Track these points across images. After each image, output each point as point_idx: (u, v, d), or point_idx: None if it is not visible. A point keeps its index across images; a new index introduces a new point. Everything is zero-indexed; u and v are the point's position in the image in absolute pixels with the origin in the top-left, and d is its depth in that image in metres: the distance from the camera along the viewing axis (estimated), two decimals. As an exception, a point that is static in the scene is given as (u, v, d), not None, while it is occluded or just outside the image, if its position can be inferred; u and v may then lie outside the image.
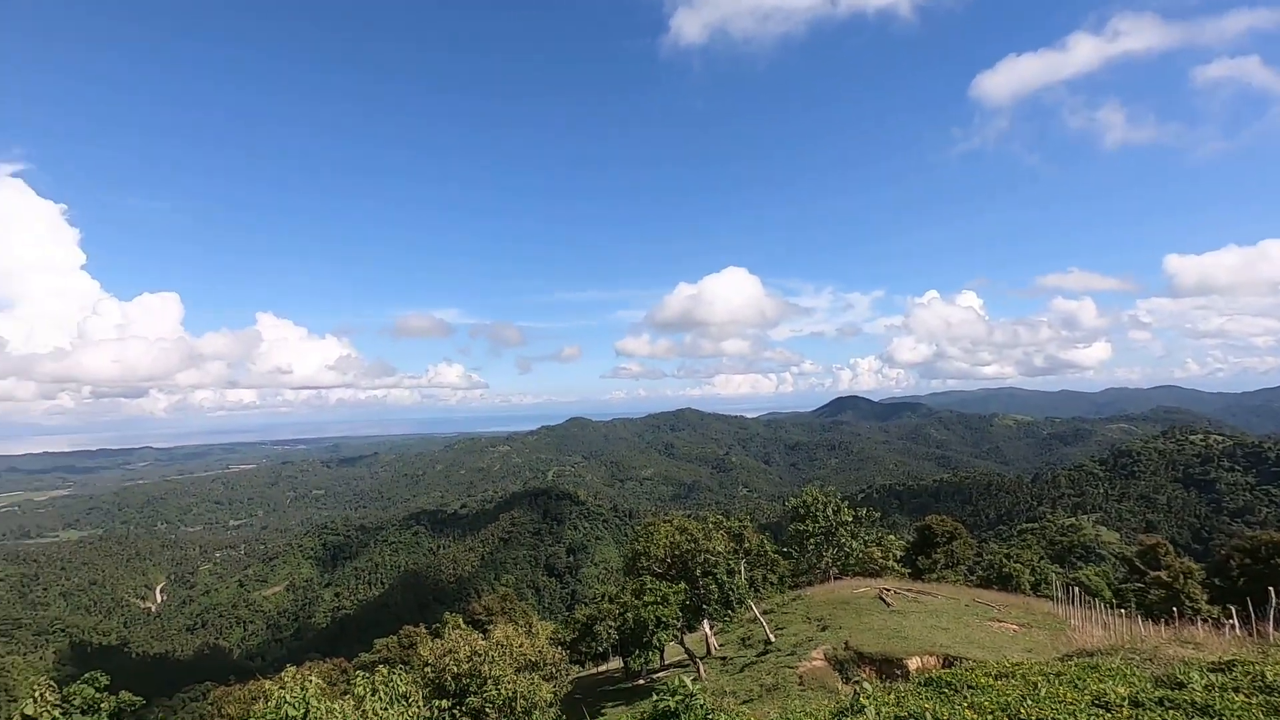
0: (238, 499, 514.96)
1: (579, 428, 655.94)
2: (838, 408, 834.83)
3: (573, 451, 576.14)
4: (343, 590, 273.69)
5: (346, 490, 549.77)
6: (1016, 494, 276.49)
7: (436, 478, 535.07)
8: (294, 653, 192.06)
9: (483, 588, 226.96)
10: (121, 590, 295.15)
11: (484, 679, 17.73)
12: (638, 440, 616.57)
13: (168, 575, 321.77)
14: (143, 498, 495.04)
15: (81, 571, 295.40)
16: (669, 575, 47.20)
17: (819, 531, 66.52)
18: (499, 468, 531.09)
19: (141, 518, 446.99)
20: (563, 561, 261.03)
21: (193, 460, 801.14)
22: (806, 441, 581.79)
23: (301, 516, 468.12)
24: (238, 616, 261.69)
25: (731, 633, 51.49)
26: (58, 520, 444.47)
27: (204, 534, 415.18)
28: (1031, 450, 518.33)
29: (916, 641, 35.92)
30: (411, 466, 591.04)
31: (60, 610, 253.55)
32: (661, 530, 48.99)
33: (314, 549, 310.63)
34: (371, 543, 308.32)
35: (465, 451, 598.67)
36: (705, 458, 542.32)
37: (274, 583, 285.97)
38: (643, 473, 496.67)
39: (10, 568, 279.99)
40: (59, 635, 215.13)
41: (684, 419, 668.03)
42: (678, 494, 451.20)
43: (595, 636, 60.75)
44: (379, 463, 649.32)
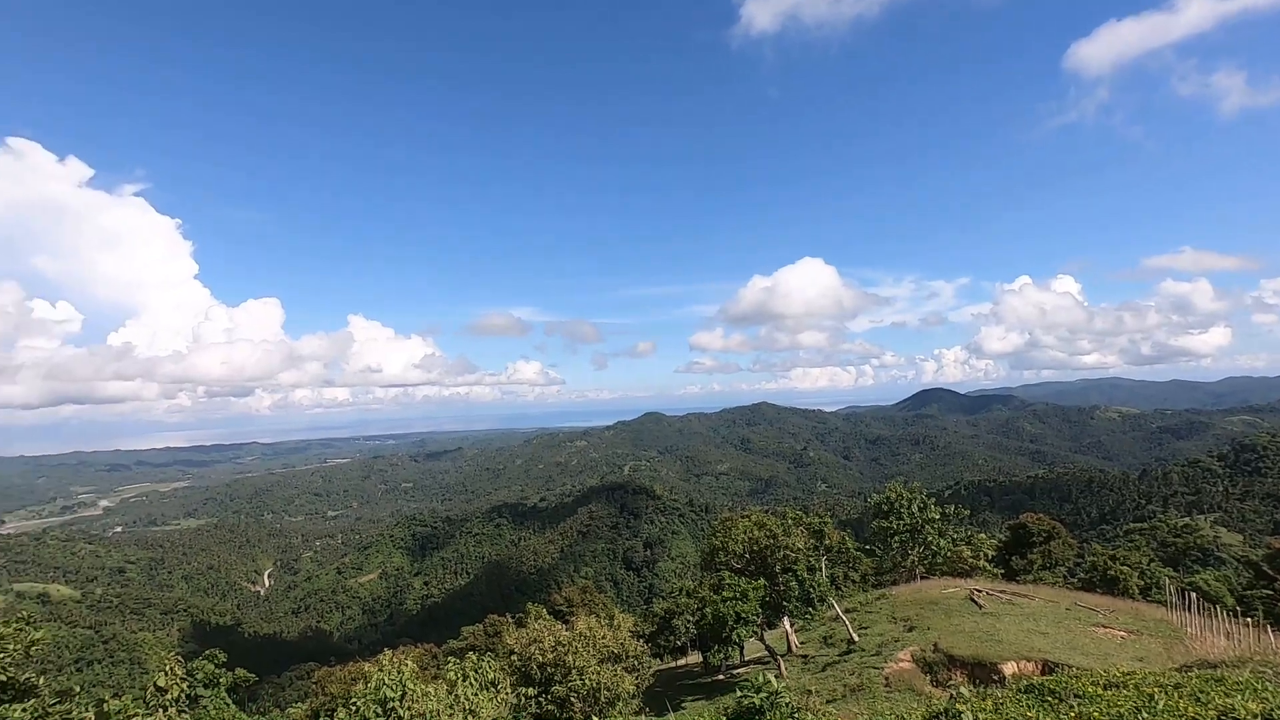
0: (334, 491, 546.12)
1: (654, 423, 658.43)
2: (922, 400, 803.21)
3: (648, 446, 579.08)
4: (431, 579, 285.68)
5: (433, 483, 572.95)
6: (1122, 491, 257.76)
7: (517, 472, 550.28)
8: (387, 637, 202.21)
9: (563, 579, 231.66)
10: (234, 575, 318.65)
11: (568, 669, 18.16)
12: (713, 435, 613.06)
13: (274, 561, 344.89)
14: (251, 489, 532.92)
15: (200, 557, 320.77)
16: (748, 571, 46.75)
17: (904, 529, 64.12)
18: (576, 462, 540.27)
19: (250, 508, 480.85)
20: (640, 555, 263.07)
21: (294, 455, 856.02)
22: (888, 436, 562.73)
23: (392, 508, 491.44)
24: (336, 601, 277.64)
25: (813, 631, 50.53)
26: (179, 509, 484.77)
27: (305, 523, 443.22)
28: (1138, 444, 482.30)
29: (1012, 645, 34.13)
30: (493, 461, 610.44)
31: (183, 592, 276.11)
32: (739, 526, 48.56)
33: (404, 539, 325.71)
34: (457, 534, 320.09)
35: (544, 446, 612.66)
36: (782, 453, 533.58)
37: (368, 570, 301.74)
38: (718, 468, 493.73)
39: (140, 552, 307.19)
40: (182, 615, 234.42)
41: (760, 413, 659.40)
42: (754, 489, 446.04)
43: (673, 630, 60.97)
44: (462, 457, 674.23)
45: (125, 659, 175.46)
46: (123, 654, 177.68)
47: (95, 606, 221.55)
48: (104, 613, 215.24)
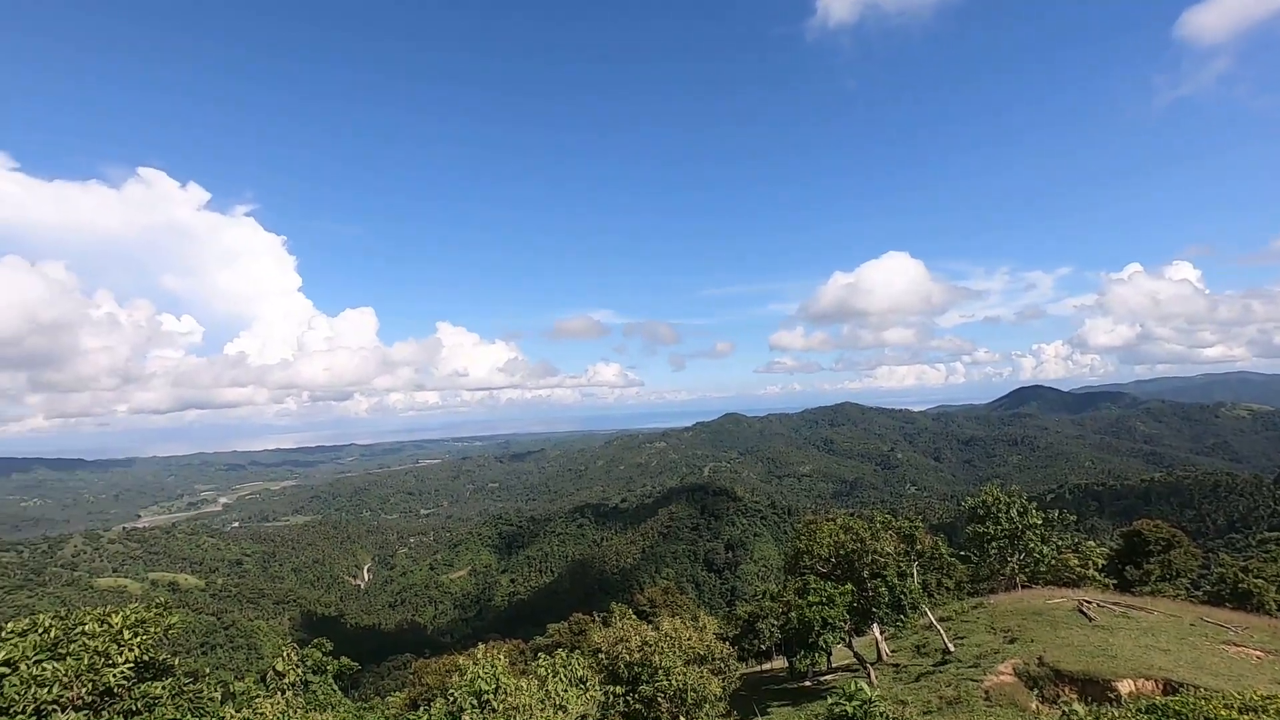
0: (426, 490, 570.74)
1: (734, 424, 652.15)
2: (1019, 399, 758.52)
3: (728, 447, 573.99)
4: (517, 576, 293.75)
5: (518, 484, 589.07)
6: (1254, 496, 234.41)
7: (598, 473, 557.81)
8: (477, 632, 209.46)
9: (644, 580, 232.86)
10: (337, 568, 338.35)
11: (655, 669, 18.30)
12: (794, 436, 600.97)
13: (373, 556, 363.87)
14: (351, 488, 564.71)
15: (307, 551, 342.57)
16: (834, 576, 45.59)
17: (1002, 535, 60.67)
18: (656, 463, 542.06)
19: (350, 505, 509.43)
20: (721, 557, 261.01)
21: (389, 455, 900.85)
22: (983, 436, 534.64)
23: (480, 507, 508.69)
24: (429, 596, 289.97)
25: (904, 639, 48.70)
26: (288, 506, 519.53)
27: (400, 521, 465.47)
28: (1271, 445, 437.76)
29: (1128, 662, 31.73)
30: (575, 462, 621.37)
31: (292, 584, 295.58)
32: (824, 529, 47.44)
33: (491, 537, 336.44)
34: (541, 533, 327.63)
35: (624, 448, 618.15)
36: (868, 454, 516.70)
37: (458, 567, 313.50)
38: (801, 469, 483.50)
39: (255, 546, 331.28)
40: (292, 605, 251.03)
41: (844, 413, 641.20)
42: (839, 491, 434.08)
43: (758, 634, 60.27)
44: (545, 458, 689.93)
45: (243, 644, 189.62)
46: (241, 640, 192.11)
47: (217, 595, 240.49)
48: (224, 601, 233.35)
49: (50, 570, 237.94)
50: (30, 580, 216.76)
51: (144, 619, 17.07)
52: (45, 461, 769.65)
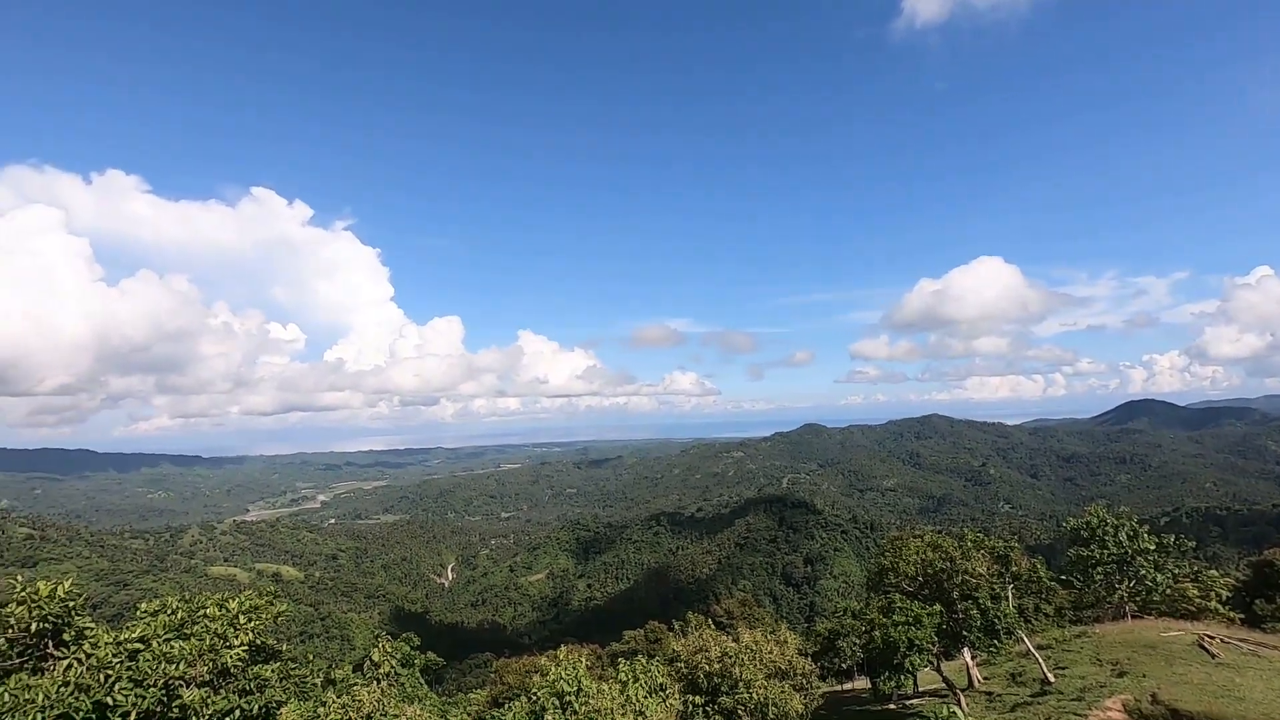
0: (507, 494, 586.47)
1: (813, 434, 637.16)
2: (1128, 413, 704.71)
3: (807, 459, 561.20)
4: (594, 581, 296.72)
5: (595, 490, 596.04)
6: None
7: (674, 481, 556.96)
8: (554, 635, 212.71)
9: (720, 591, 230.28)
10: (423, 567, 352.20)
11: (735, 681, 18.04)
12: (878, 448, 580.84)
13: (456, 556, 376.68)
14: (436, 490, 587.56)
15: (395, 549, 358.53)
16: (920, 595, 43.66)
17: (1109, 559, 56.36)
18: (733, 473, 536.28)
19: (436, 506, 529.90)
20: (800, 571, 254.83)
21: (472, 459, 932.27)
22: (1086, 453, 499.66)
23: (558, 512, 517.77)
24: (509, 597, 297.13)
25: (998, 666, 46.03)
26: (379, 505, 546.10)
27: (482, 523, 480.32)
28: None
29: (1259, 705, 28.82)
30: (651, 470, 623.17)
31: (382, 579, 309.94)
32: (911, 546, 45.54)
33: (569, 542, 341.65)
34: (618, 540, 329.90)
35: (700, 456, 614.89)
36: (957, 469, 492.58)
37: (537, 570, 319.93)
38: (884, 483, 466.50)
39: (349, 542, 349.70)
40: (382, 600, 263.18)
41: (931, 425, 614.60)
42: (925, 507, 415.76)
43: (838, 652, 58.46)
44: (622, 465, 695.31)
45: (338, 635, 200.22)
46: (336, 630, 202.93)
47: (314, 587, 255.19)
48: (321, 593, 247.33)
49: (171, 557, 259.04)
50: (155, 566, 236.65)
51: (256, 606, 18.43)
52: (169, 458, 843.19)
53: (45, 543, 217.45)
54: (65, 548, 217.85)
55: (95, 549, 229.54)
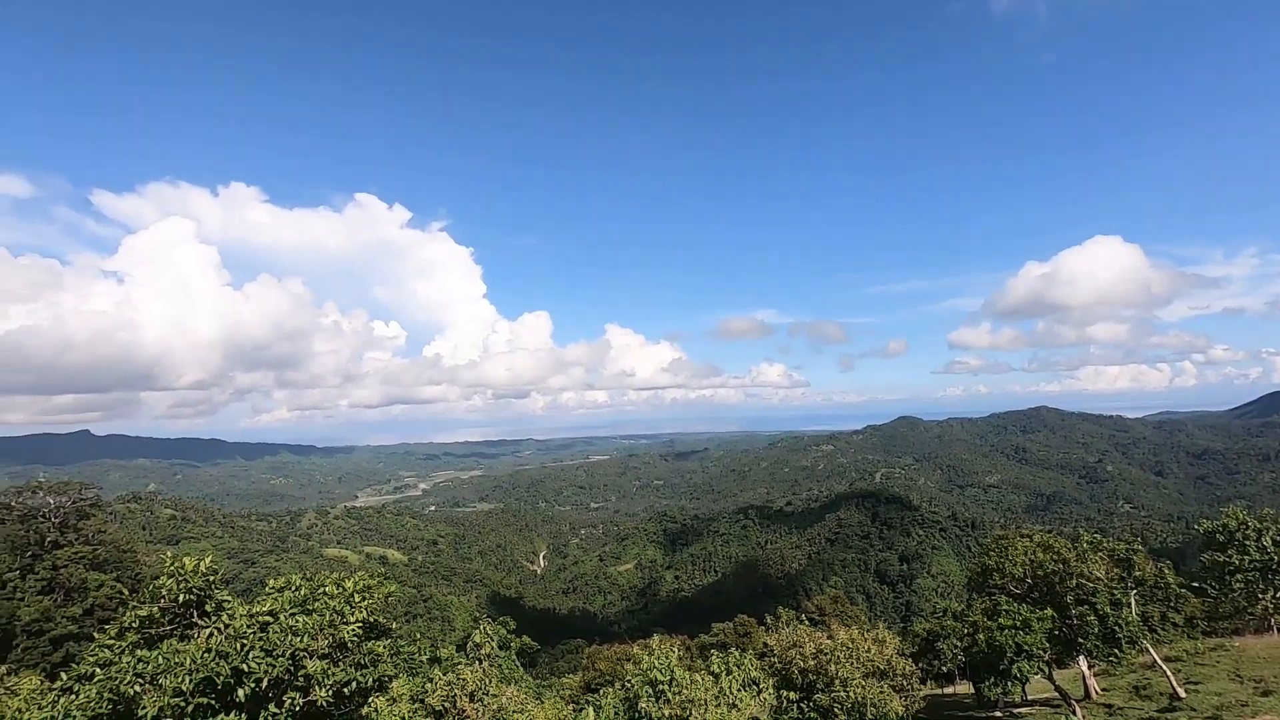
0: (595, 485, 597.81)
1: (908, 427, 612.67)
2: (1271, 405, 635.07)
3: (902, 453, 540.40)
4: (681, 573, 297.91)
5: (681, 482, 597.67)
6: None
7: (761, 474, 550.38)
8: (643, 624, 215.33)
9: (811, 586, 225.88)
10: (517, 554, 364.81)
11: (831, 678, 17.59)
12: (979, 443, 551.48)
13: (548, 545, 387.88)
14: (528, 480, 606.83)
15: (490, 536, 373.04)
16: (1029, 598, 41.21)
17: (1251, 566, 50.98)
18: (823, 467, 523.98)
19: (528, 496, 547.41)
20: (895, 569, 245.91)
21: (562, 451, 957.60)
22: (1221, 449, 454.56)
23: (645, 504, 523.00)
24: (598, 586, 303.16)
25: (1119, 677, 42.81)
26: (475, 494, 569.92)
27: (571, 513, 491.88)
28: None
29: None
30: (738, 462, 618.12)
31: (479, 565, 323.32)
32: (1018, 546, 43.02)
33: (656, 534, 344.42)
34: (705, 532, 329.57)
35: (789, 450, 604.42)
36: (1069, 465, 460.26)
37: (625, 560, 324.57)
38: (987, 479, 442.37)
39: (448, 528, 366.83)
40: (479, 585, 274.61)
41: (1039, 418, 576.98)
42: (1033, 505, 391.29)
43: (938, 654, 55.98)
44: (709, 458, 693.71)
45: (439, 616, 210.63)
46: (437, 612, 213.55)
47: (417, 570, 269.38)
48: (423, 576, 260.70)
49: (291, 539, 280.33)
50: (277, 546, 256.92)
51: (369, 586, 19.58)
52: (288, 447, 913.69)
53: (186, 523, 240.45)
54: (202, 528, 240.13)
55: (227, 529, 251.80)
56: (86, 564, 68.16)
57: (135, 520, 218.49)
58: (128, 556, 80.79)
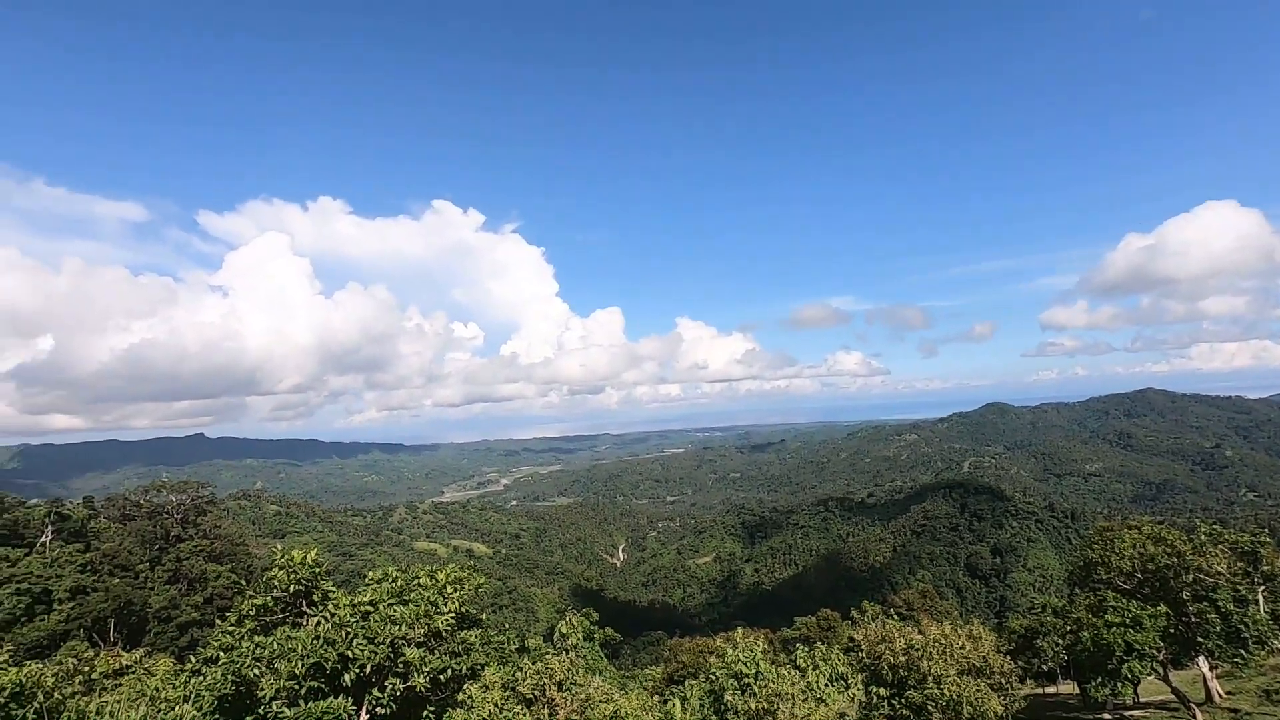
0: (671, 478, 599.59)
1: (998, 414, 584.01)
2: None
3: (991, 441, 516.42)
4: (761, 566, 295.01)
5: (758, 474, 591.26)
6: None
7: (841, 465, 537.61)
8: (724, 617, 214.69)
9: (897, 580, 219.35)
10: (596, 547, 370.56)
11: (923, 675, 16.91)
12: (1077, 429, 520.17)
13: (626, 538, 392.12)
14: (605, 474, 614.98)
15: (570, 529, 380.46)
16: (1139, 594, 38.51)
17: (1401, 560, 46.07)
18: (906, 457, 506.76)
19: (605, 490, 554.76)
20: (987, 563, 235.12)
21: (637, 445, 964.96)
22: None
23: (722, 497, 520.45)
24: (677, 579, 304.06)
25: (1246, 680, 39.47)
26: (554, 488, 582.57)
27: (648, 506, 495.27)
28: None
29: None
30: (816, 454, 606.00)
31: (560, 558, 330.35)
32: (1126, 538, 40.25)
33: (734, 526, 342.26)
34: (784, 524, 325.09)
35: (869, 440, 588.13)
36: (1181, 450, 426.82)
37: (704, 553, 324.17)
38: (1087, 467, 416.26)
39: (529, 522, 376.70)
40: (561, 577, 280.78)
41: (1145, 401, 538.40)
42: (1140, 494, 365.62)
43: (1037, 652, 53.15)
44: (786, 450, 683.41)
45: (524, 608, 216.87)
46: (521, 604, 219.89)
47: (502, 563, 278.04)
48: (507, 568, 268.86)
49: (384, 533, 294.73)
50: (372, 540, 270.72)
51: (460, 578, 20.51)
52: (378, 445, 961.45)
53: (290, 518, 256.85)
54: (304, 522, 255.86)
55: (326, 524, 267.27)
56: (205, 556, 74.11)
57: (245, 516, 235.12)
58: (240, 549, 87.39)
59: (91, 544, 69.52)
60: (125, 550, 68.85)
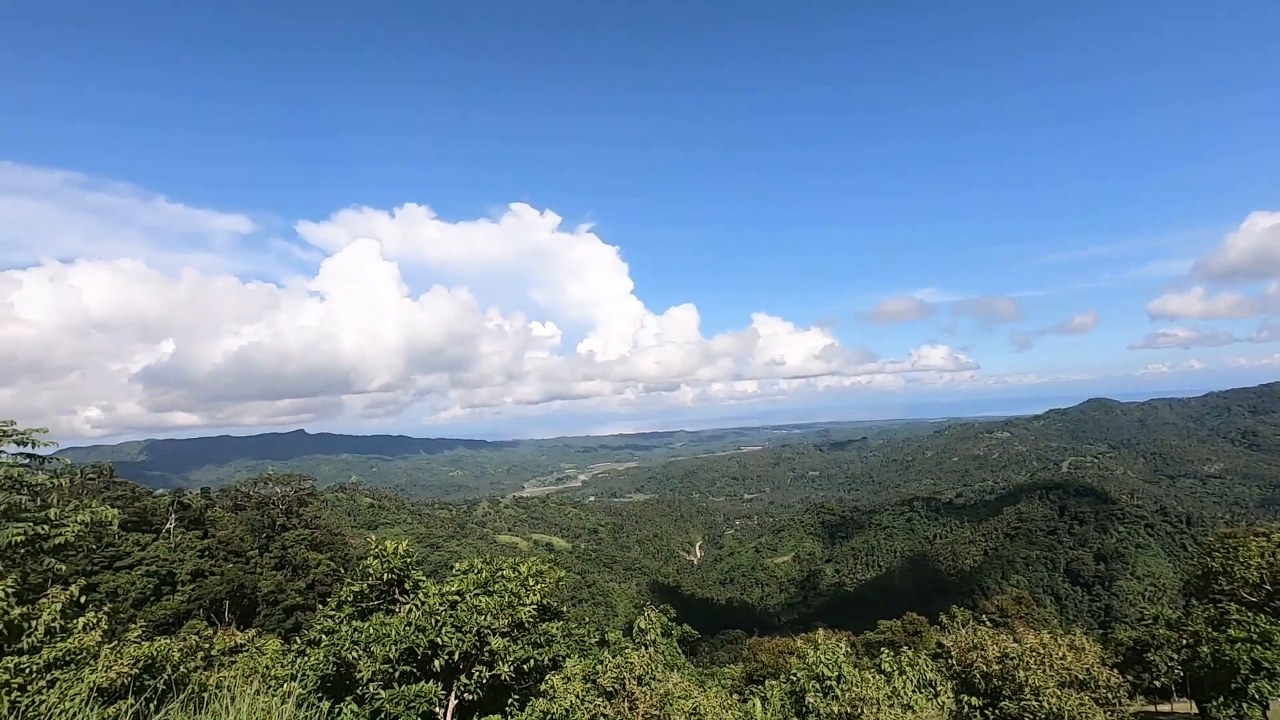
0: (748, 476, 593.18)
1: (1101, 410, 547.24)
2: None
3: (1094, 439, 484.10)
4: (842, 567, 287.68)
5: (838, 473, 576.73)
6: None
7: (927, 464, 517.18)
8: (803, 618, 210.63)
9: (989, 585, 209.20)
10: (673, 543, 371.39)
11: (1019, 685, 15.85)
12: (1193, 426, 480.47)
13: (703, 535, 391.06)
14: (681, 471, 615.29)
15: (647, 526, 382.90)
16: (1267, 607, 35.22)
17: None
18: (998, 456, 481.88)
19: (681, 487, 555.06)
20: (1090, 569, 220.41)
21: (713, 442, 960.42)
22: None
23: (800, 495, 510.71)
24: (755, 578, 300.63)
25: (1400, 707, 35.36)
26: (630, 485, 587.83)
27: (725, 504, 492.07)
28: None
29: None
30: (899, 452, 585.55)
31: (637, 554, 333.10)
32: (1251, 546, 36.90)
33: (814, 525, 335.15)
34: (866, 524, 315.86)
35: (957, 438, 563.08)
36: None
37: (782, 552, 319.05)
38: (1205, 469, 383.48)
39: (606, 518, 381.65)
40: (638, 572, 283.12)
41: (1274, 396, 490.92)
42: (1268, 499, 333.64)
43: (1148, 666, 49.58)
44: (867, 447, 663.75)
45: (602, 602, 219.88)
46: (600, 598, 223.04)
47: (580, 557, 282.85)
48: (586, 563, 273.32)
49: (469, 525, 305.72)
50: (457, 532, 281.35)
51: (541, 571, 21.03)
52: (463, 442, 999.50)
53: (382, 510, 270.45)
54: (395, 514, 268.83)
55: (415, 516, 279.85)
56: (307, 545, 79.22)
57: (342, 507, 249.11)
58: (338, 539, 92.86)
59: (208, 531, 75.70)
60: (237, 537, 74.56)
